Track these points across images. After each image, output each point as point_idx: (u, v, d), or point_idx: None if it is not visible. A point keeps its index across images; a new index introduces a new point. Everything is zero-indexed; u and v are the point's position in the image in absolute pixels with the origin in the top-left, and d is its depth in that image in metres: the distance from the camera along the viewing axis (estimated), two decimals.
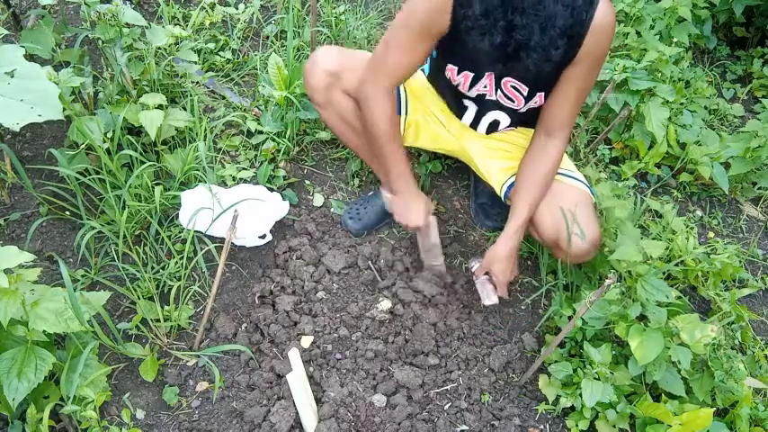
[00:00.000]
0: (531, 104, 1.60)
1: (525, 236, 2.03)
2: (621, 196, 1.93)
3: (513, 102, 1.61)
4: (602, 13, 1.36)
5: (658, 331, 1.49)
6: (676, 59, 2.56)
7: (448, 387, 1.68)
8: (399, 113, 1.76)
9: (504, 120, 1.71)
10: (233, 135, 2.22)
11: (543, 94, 1.56)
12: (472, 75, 1.57)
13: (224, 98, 2.37)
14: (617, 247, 1.64)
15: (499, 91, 1.60)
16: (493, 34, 1.29)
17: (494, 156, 1.81)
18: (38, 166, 1.98)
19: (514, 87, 1.56)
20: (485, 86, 1.60)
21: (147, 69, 1.97)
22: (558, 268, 1.81)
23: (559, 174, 1.67)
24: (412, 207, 1.74)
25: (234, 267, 1.89)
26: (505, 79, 1.56)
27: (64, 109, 1.46)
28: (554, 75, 1.49)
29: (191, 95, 2.01)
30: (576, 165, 2.25)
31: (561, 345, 1.70)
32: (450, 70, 1.60)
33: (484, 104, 1.68)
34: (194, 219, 1.71)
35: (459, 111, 1.76)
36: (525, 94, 1.57)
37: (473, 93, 1.64)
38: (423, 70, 1.86)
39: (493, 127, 1.76)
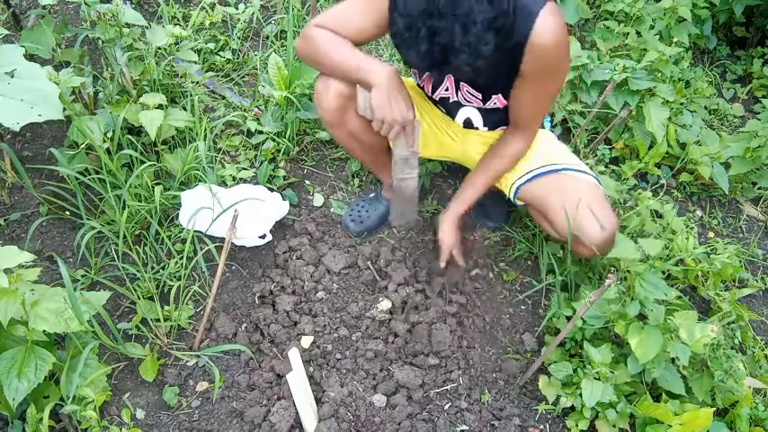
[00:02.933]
0: (491, 105, 1.62)
1: (528, 235, 2.04)
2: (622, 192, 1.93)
3: (473, 104, 1.64)
4: (540, 28, 1.34)
5: (657, 329, 1.49)
6: (676, 59, 2.56)
7: (448, 387, 1.68)
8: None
9: (476, 118, 1.73)
10: (233, 135, 2.22)
11: (500, 96, 1.58)
12: (432, 79, 1.62)
13: (224, 98, 2.37)
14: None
15: (459, 93, 1.63)
16: (418, 44, 1.26)
17: None
18: (38, 165, 1.98)
19: (469, 92, 1.60)
20: (446, 89, 1.64)
21: (147, 69, 1.97)
22: (555, 268, 1.82)
23: (567, 170, 1.67)
24: (398, 98, 1.45)
25: (234, 267, 1.89)
26: (461, 83, 1.59)
27: (64, 109, 1.46)
28: (503, 79, 1.50)
29: (191, 95, 2.01)
30: None
31: (561, 344, 1.70)
32: (415, 73, 1.66)
33: (450, 107, 1.72)
34: (194, 219, 1.71)
35: (448, 113, 1.78)
36: (480, 97, 1.60)
37: (437, 96, 1.68)
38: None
39: (469, 124, 1.77)
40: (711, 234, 2.25)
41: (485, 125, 1.75)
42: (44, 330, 1.30)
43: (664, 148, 2.24)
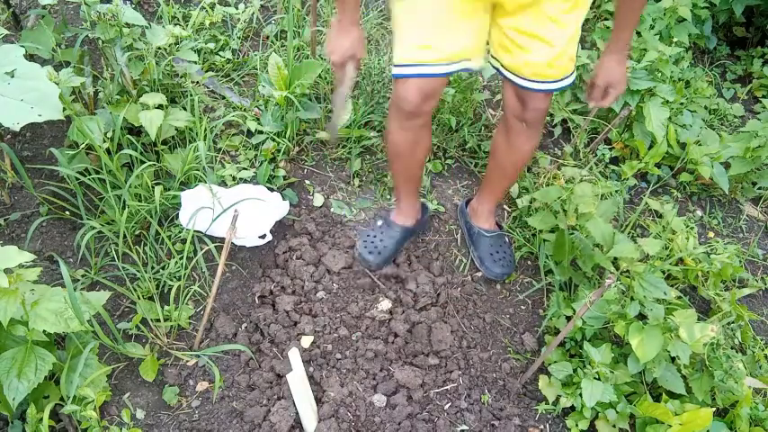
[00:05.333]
0: None
1: (528, 235, 2.04)
2: (606, 196, 1.93)
3: None
4: None
5: (657, 328, 1.49)
6: (676, 59, 2.56)
7: (448, 387, 1.68)
8: None
9: None
10: (233, 135, 2.22)
11: None
12: None
13: (224, 98, 2.37)
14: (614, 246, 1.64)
15: None
16: None
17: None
18: (38, 165, 1.98)
19: None
20: None
21: (147, 69, 1.97)
22: (553, 268, 1.82)
23: None
24: (340, 39, 1.50)
25: (234, 267, 1.89)
26: None
27: (64, 109, 1.46)
28: None
29: (191, 95, 2.01)
30: (576, 165, 2.27)
31: (561, 344, 1.70)
32: None
33: None
34: (194, 219, 1.71)
35: None
36: None
37: None
38: None
39: None
40: (711, 234, 2.25)
41: None
42: (44, 330, 1.30)
43: (664, 147, 2.24)
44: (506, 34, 1.49)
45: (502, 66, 1.58)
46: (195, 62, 2.12)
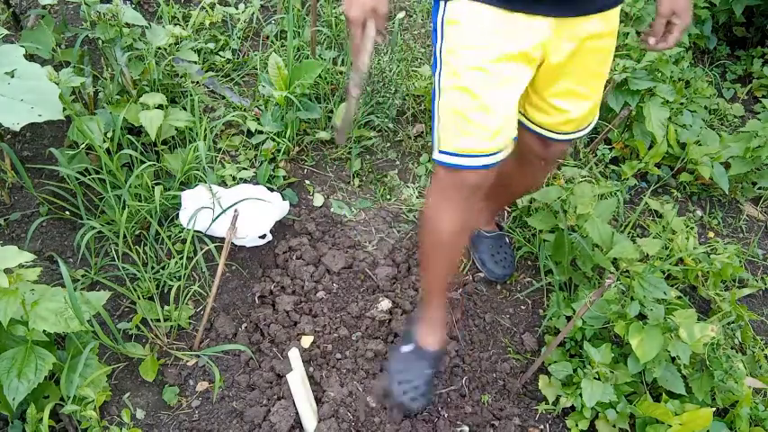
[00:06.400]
0: None
1: (528, 235, 2.03)
2: (606, 196, 1.92)
3: None
4: None
5: (657, 328, 1.49)
6: (676, 59, 2.56)
7: (448, 387, 1.68)
8: None
9: None
10: (233, 135, 2.22)
11: None
12: None
13: (224, 98, 2.37)
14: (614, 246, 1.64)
15: None
16: None
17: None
18: (38, 165, 1.98)
19: None
20: None
21: (147, 69, 1.97)
22: (553, 269, 1.82)
23: None
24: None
25: (234, 267, 1.89)
26: None
27: (64, 109, 1.46)
28: None
29: (191, 95, 2.01)
30: (576, 165, 2.27)
31: (561, 344, 1.70)
32: None
33: None
34: (194, 219, 1.71)
35: None
36: None
37: None
38: None
39: None
40: (711, 234, 2.25)
41: None
42: (44, 330, 1.30)
43: (664, 147, 2.24)
44: (544, 98, 1.39)
45: (529, 120, 1.46)
46: (195, 62, 2.13)
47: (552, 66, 1.29)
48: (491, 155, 1.29)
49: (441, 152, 1.32)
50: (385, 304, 1.79)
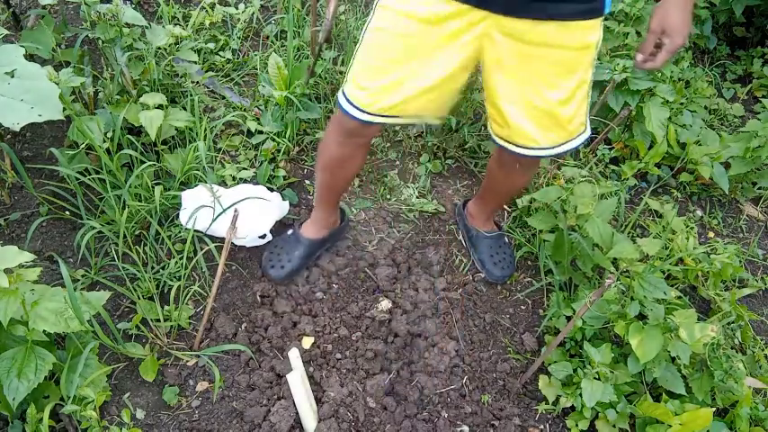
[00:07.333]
0: None
1: (528, 235, 2.03)
2: (606, 196, 1.92)
3: None
4: None
5: (657, 328, 1.49)
6: (676, 59, 2.56)
7: (448, 387, 1.68)
8: None
9: None
10: (233, 135, 2.22)
11: None
12: None
13: (224, 98, 2.37)
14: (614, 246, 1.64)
15: None
16: None
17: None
18: (38, 165, 1.98)
19: None
20: None
21: (147, 69, 1.97)
22: (553, 268, 1.82)
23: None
24: None
25: (234, 267, 1.89)
26: None
27: (64, 109, 1.46)
28: None
29: (191, 95, 2.01)
30: (576, 165, 2.27)
31: (561, 344, 1.70)
32: None
33: None
34: (194, 218, 1.71)
35: None
36: None
37: None
38: None
39: None
40: (711, 234, 2.25)
41: None
42: (44, 330, 1.30)
43: (664, 148, 2.24)
44: (496, 103, 1.38)
45: (492, 131, 1.49)
46: (195, 62, 2.12)
47: (493, 60, 1.29)
48: (366, 113, 1.37)
49: (342, 92, 1.43)
50: (385, 304, 1.79)
